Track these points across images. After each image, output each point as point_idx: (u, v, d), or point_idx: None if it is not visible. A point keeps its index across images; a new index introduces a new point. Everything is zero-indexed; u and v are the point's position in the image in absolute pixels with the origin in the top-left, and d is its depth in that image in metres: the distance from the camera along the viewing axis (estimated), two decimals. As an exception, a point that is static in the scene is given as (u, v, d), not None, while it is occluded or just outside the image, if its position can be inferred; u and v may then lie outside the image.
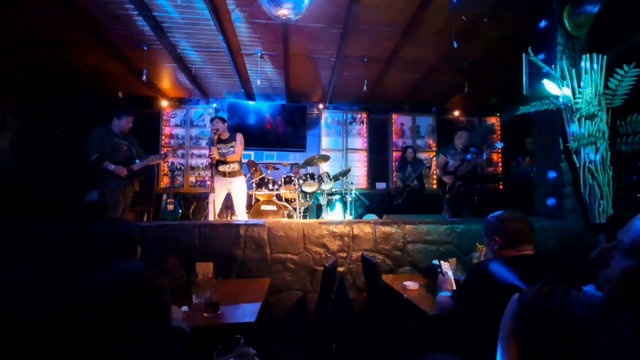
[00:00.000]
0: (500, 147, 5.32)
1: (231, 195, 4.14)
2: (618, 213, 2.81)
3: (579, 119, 2.85)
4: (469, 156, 4.40)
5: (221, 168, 3.99)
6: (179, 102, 6.28)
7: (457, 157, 4.48)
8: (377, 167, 6.65)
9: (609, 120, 2.85)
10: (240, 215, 4.12)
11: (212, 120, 4.09)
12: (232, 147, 4.01)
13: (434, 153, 6.53)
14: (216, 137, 3.91)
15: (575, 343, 0.82)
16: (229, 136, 4.05)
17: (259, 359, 0.80)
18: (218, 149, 3.91)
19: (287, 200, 4.93)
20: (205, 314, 1.61)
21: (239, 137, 4.04)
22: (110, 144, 3.53)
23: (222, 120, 4.03)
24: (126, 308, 0.43)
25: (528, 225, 1.48)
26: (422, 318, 1.75)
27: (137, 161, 3.63)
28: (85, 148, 3.45)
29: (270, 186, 4.81)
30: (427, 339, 1.88)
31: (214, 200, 3.86)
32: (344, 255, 2.68)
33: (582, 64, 2.88)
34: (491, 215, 1.57)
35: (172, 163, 6.16)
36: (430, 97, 6.18)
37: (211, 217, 3.89)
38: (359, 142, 6.61)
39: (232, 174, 4.02)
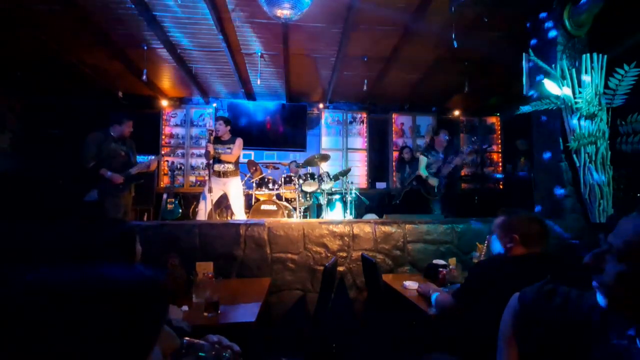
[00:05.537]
0: (478, 147, 5.38)
1: (227, 196, 4.14)
2: (618, 213, 2.81)
3: (579, 119, 2.85)
4: (450, 157, 4.49)
5: (216, 167, 3.98)
6: (179, 102, 6.28)
7: (438, 158, 4.55)
8: (377, 167, 6.65)
9: (609, 119, 2.85)
10: (239, 216, 4.11)
11: (216, 119, 4.13)
12: (229, 148, 4.01)
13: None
14: (212, 137, 3.92)
15: (575, 344, 0.81)
16: (229, 138, 4.07)
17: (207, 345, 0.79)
18: (215, 148, 3.93)
19: (287, 199, 4.93)
20: (205, 314, 1.61)
21: (238, 141, 4.05)
22: (107, 150, 3.48)
23: (226, 122, 4.06)
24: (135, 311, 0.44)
25: (546, 229, 1.47)
26: (422, 318, 1.75)
27: (132, 169, 3.60)
28: (81, 154, 3.39)
29: (271, 186, 4.81)
30: (427, 339, 1.88)
31: (212, 200, 3.86)
32: (344, 254, 2.68)
33: (583, 63, 2.88)
34: (511, 212, 1.54)
35: (172, 163, 6.17)
36: (430, 96, 6.17)
37: (202, 217, 3.88)
38: (359, 141, 6.61)
39: (226, 174, 4.00)
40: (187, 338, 0.74)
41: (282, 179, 4.78)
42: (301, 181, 4.70)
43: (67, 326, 0.39)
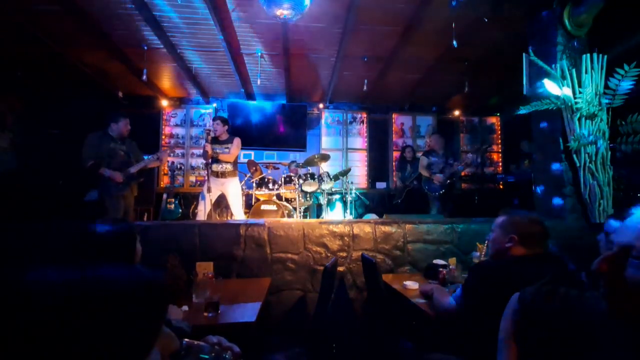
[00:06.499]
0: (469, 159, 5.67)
1: (226, 196, 4.14)
2: (618, 212, 2.81)
3: (579, 119, 2.85)
4: (450, 160, 4.64)
5: (214, 167, 3.98)
6: (179, 102, 6.28)
7: (439, 160, 4.66)
8: (377, 167, 6.65)
9: (609, 120, 2.84)
10: (238, 216, 4.11)
11: (213, 119, 4.12)
12: (227, 148, 4.01)
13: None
14: (210, 137, 3.91)
15: (575, 345, 0.81)
16: (227, 138, 4.06)
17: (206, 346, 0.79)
18: (213, 148, 3.93)
19: (287, 199, 4.93)
20: (205, 314, 1.61)
21: (236, 141, 4.05)
22: (107, 149, 3.47)
23: (224, 122, 4.05)
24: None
25: (546, 230, 1.47)
26: (422, 318, 1.75)
27: (131, 168, 3.57)
28: (81, 154, 3.40)
29: (271, 186, 4.81)
30: (427, 339, 1.88)
31: (211, 200, 3.86)
32: (344, 254, 2.68)
33: (583, 63, 2.88)
34: (513, 212, 1.55)
35: (172, 163, 6.16)
36: (430, 96, 6.18)
37: (201, 217, 3.88)
38: (359, 141, 6.61)
39: (224, 174, 4.00)
40: (186, 340, 0.74)
41: (282, 179, 4.79)
42: (301, 181, 4.70)
43: (67, 326, 0.39)
